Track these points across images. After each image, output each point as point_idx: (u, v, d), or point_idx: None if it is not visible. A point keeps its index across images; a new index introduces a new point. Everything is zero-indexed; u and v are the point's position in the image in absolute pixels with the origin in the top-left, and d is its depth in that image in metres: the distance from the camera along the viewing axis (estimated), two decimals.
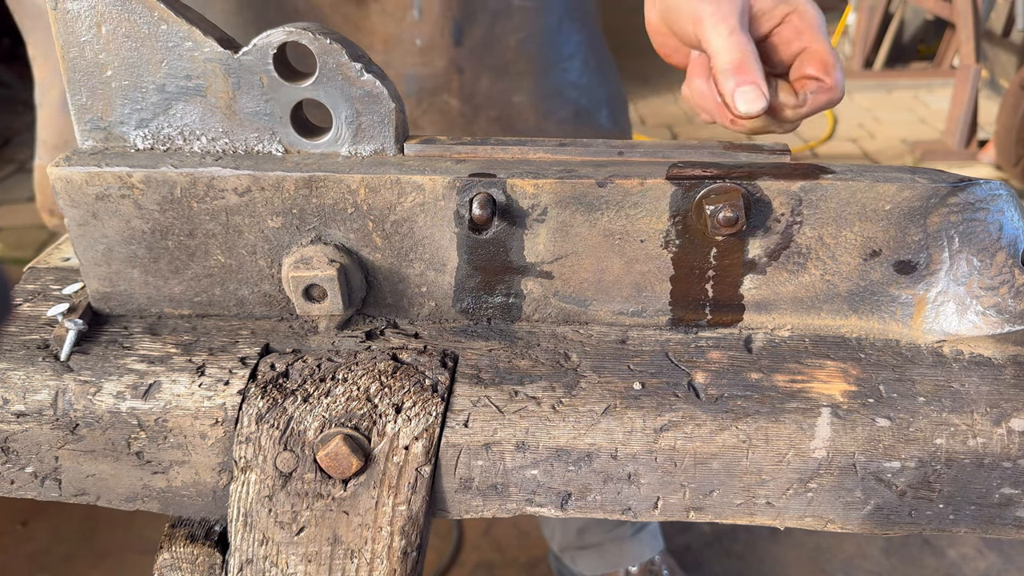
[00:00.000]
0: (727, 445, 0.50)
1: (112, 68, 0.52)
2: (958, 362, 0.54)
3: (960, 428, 0.50)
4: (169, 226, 0.55)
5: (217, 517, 0.55)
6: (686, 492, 0.52)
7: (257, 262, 0.56)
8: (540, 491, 0.52)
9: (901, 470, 0.50)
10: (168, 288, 0.57)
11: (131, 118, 0.54)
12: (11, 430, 0.53)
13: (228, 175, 0.53)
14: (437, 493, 0.52)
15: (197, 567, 0.53)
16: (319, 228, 0.55)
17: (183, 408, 0.52)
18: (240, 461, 0.51)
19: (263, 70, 0.52)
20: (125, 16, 0.50)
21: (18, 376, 0.53)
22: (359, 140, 0.54)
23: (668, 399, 0.52)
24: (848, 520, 0.52)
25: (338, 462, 0.50)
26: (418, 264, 0.56)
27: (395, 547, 0.51)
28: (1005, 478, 0.50)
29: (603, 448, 0.51)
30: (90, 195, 0.53)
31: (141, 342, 0.56)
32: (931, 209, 0.53)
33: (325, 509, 0.51)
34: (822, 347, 0.56)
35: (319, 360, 0.54)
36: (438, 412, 0.51)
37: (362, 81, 0.52)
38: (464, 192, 0.53)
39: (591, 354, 0.56)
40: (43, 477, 0.54)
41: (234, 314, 0.58)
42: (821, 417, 0.50)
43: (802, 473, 0.51)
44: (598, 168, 0.54)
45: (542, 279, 0.56)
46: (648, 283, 0.56)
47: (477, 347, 0.56)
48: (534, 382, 0.53)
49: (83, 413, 0.52)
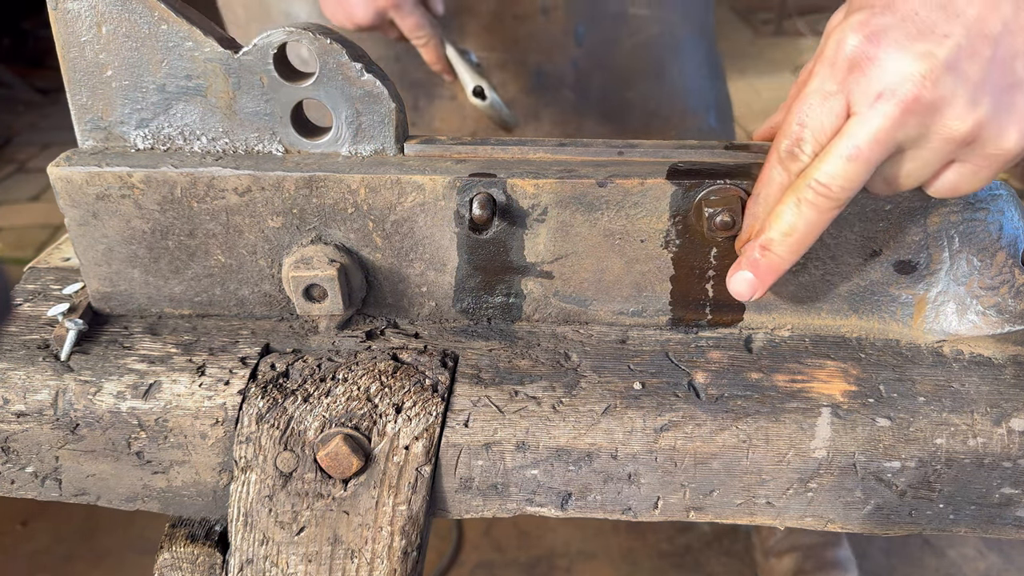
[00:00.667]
0: (727, 445, 0.50)
1: (112, 68, 0.52)
2: (958, 362, 0.54)
3: (960, 428, 0.50)
4: (169, 226, 0.55)
5: (217, 517, 0.55)
6: (686, 492, 0.52)
7: (257, 262, 0.56)
8: (540, 491, 0.52)
9: (901, 470, 0.50)
10: (168, 288, 0.57)
11: (131, 118, 0.54)
12: (11, 430, 0.53)
13: (228, 175, 0.53)
14: (437, 493, 0.52)
15: (197, 567, 0.53)
16: (319, 228, 0.55)
17: (183, 408, 0.52)
18: (240, 461, 0.51)
19: (263, 70, 0.52)
20: (125, 16, 0.50)
21: (18, 376, 0.53)
22: (359, 140, 0.54)
23: (668, 399, 0.52)
24: (848, 520, 0.52)
25: (338, 462, 0.50)
26: (418, 264, 0.56)
27: (395, 547, 0.51)
28: (1005, 478, 0.50)
29: (603, 448, 0.51)
30: (90, 195, 0.53)
31: (141, 342, 0.56)
32: (931, 209, 0.53)
33: (325, 509, 0.51)
34: (822, 347, 0.56)
35: (319, 360, 0.54)
36: (438, 412, 0.51)
37: (362, 81, 0.52)
38: (464, 192, 0.53)
39: (591, 354, 0.56)
40: (43, 477, 0.54)
41: (234, 314, 0.58)
42: (821, 417, 0.50)
43: (802, 473, 0.51)
44: (598, 168, 0.54)
45: (542, 279, 0.56)
46: (648, 283, 0.56)
47: (477, 347, 0.56)
48: (534, 382, 0.53)
49: (83, 413, 0.52)
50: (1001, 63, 0.43)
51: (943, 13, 0.43)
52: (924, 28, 0.43)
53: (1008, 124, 0.44)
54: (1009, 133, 0.44)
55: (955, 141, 0.44)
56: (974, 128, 0.44)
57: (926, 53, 0.43)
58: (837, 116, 0.45)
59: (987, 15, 0.43)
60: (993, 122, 0.44)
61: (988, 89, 0.43)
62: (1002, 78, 0.43)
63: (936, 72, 0.43)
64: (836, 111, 0.45)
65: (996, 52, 0.43)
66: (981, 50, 0.43)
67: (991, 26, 0.43)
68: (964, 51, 0.43)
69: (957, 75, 0.43)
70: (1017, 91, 0.44)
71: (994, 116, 0.44)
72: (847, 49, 0.44)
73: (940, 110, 0.43)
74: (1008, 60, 0.43)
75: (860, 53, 0.44)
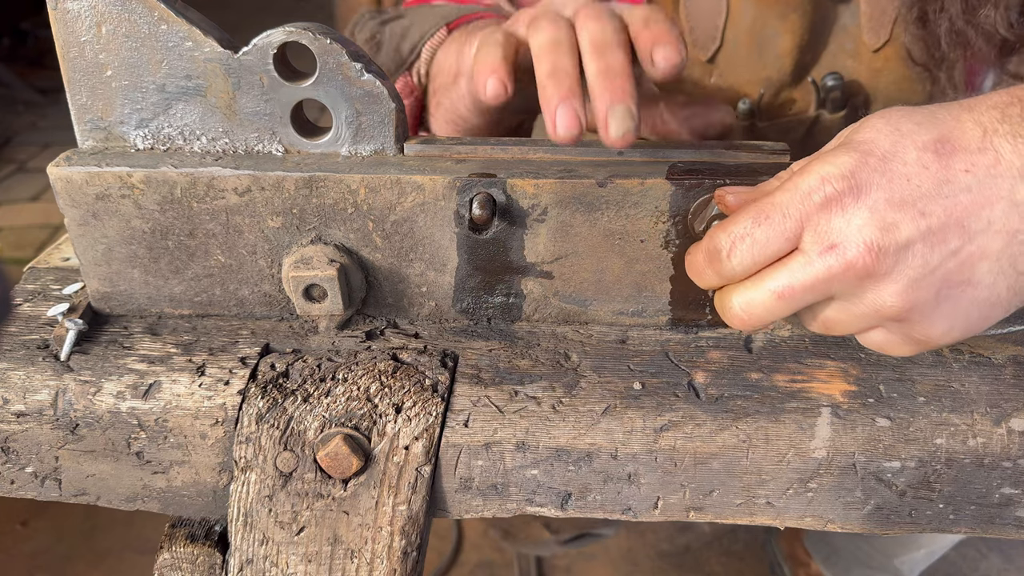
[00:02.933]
0: (727, 445, 0.50)
1: (112, 68, 0.52)
2: (958, 362, 0.54)
3: (960, 428, 0.50)
4: (169, 226, 0.55)
5: (217, 517, 0.55)
6: (686, 492, 0.52)
7: (257, 262, 0.56)
8: (540, 491, 0.52)
9: (901, 470, 0.50)
10: (168, 288, 0.57)
11: (131, 118, 0.54)
12: (11, 430, 0.53)
13: (228, 175, 0.53)
14: (437, 493, 0.52)
15: (197, 567, 0.53)
16: (319, 228, 0.55)
17: (183, 408, 0.52)
18: (240, 461, 0.51)
19: (263, 70, 0.52)
20: (125, 16, 0.50)
21: (18, 376, 0.53)
22: (359, 140, 0.54)
23: (668, 399, 0.52)
24: (848, 520, 0.53)
25: (338, 462, 0.50)
26: (418, 264, 0.56)
27: (395, 547, 0.51)
28: (1005, 478, 0.50)
29: (603, 448, 0.51)
30: (90, 195, 0.53)
31: (141, 342, 0.56)
32: None
33: (325, 509, 0.51)
34: (822, 347, 0.56)
35: (319, 360, 0.54)
36: (438, 412, 0.51)
37: (362, 81, 0.52)
38: (464, 192, 0.53)
39: (591, 354, 0.56)
40: (43, 477, 0.54)
41: (234, 314, 0.58)
42: (821, 417, 0.50)
43: (802, 473, 0.51)
44: (598, 168, 0.54)
45: (542, 279, 0.56)
46: (648, 283, 0.56)
47: (477, 347, 0.56)
48: (534, 382, 0.53)
49: (83, 413, 0.52)
50: (964, 259, 0.42)
51: (935, 189, 0.41)
52: (907, 199, 0.41)
53: (939, 318, 0.43)
54: (937, 326, 0.43)
55: (882, 315, 0.44)
56: (904, 311, 0.43)
57: (891, 225, 0.41)
58: (787, 240, 0.44)
59: (976, 208, 0.41)
60: (926, 310, 0.43)
61: (936, 278, 0.42)
62: (958, 273, 0.42)
63: (891, 247, 0.41)
64: (787, 235, 0.44)
65: (965, 247, 0.41)
66: (950, 240, 0.41)
67: (974, 220, 0.41)
68: (932, 236, 0.41)
69: (911, 257, 0.42)
70: (966, 289, 0.42)
71: (930, 306, 0.43)
72: (827, 190, 0.42)
73: (879, 283, 0.43)
74: (973, 258, 0.42)
75: (836, 198, 0.42)
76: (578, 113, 0.50)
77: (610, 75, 0.50)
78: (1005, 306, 0.43)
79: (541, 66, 0.52)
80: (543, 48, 0.52)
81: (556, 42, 0.52)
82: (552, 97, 0.50)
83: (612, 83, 0.50)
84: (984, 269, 0.42)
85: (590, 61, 0.51)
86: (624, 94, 0.49)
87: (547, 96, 0.50)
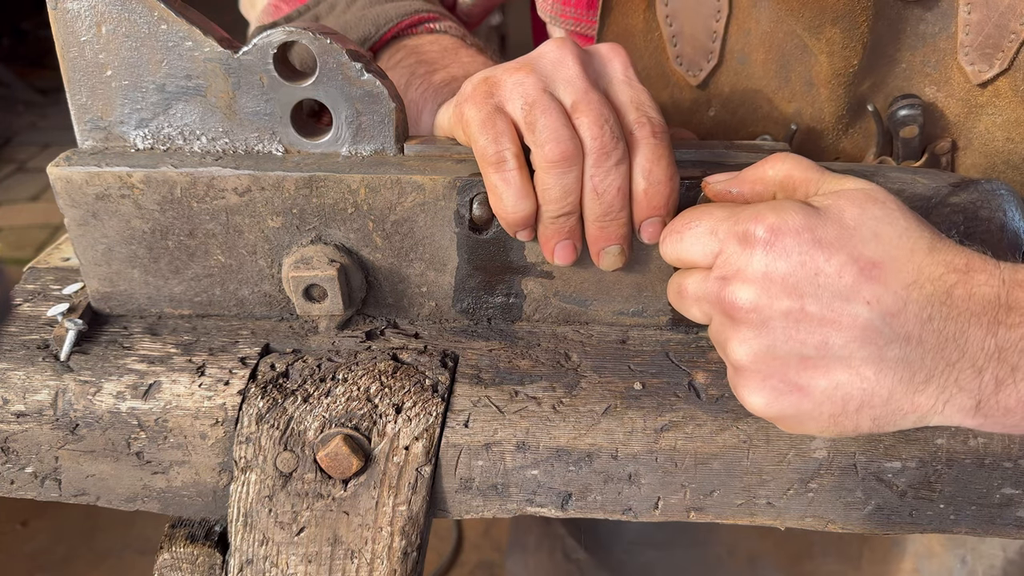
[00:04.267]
0: (727, 445, 0.50)
1: (112, 68, 0.52)
2: None
3: (961, 428, 0.50)
4: (169, 226, 0.55)
5: (217, 517, 0.55)
6: (686, 492, 0.52)
7: (257, 262, 0.56)
8: (540, 491, 0.52)
9: (902, 470, 0.50)
10: (168, 288, 0.57)
11: (131, 118, 0.54)
12: (11, 430, 0.53)
13: (228, 175, 0.53)
14: (437, 493, 0.52)
15: (197, 567, 0.53)
16: (319, 228, 0.54)
17: (183, 408, 0.52)
18: (240, 461, 0.51)
19: (263, 70, 0.52)
20: (125, 16, 0.50)
21: (18, 376, 0.53)
22: (359, 140, 0.54)
23: (668, 399, 0.52)
24: (849, 520, 0.52)
25: (338, 462, 0.50)
26: (418, 264, 0.56)
27: (395, 547, 0.51)
28: (1006, 478, 0.50)
29: (603, 448, 0.51)
30: (90, 195, 0.53)
31: (141, 342, 0.56)
32: (932, 209, 0.53)
33: (325, 509, 0.51)
34: None
35: (319, 360, 0.54)
36: (438, 412, 0.51)
37: (362, 81, 0.52)
38: (464, 192, 0.53)
39: (591, 354, 0.56)
40: (43, 477, 0.54)
41: (234, 314, 0.58)
42: None
43: (803, 473, 0.51)
44: None
45: (542, 279, 0.56)
46: (648, 283, 0.56)
47: (477, 347, 0.56)
48: (534, 382, 0.53)
49: (83, 413, 0.52)
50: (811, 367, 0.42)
51: (829, 298, 0.41)
52: (800, 289, 0.41)
53: (760, 388, 0.43)
54: (755, 398, 0.44)
55: (724, 355, 0.46)
56: (738, 364, 0.44)
57: (764, 277, 0.42)
58: (704, 256, 0.46)
59: (853, 337, 0.41)
60: (749, 376, 0.44)
61: (777, 363, 0.42)
62: (796, 375, 0.42)
63: (763, 310, 0.42)
64: (706, 252, 0.46)
65: (818, 360, 0.41)
66: (807, 348, 0.41)
67: (841, 346, 0.41)
68: (793, 315, 0.41)
69: (771, 332, 0.42)
70: (806, 367, 0.42)
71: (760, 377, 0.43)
72: (757, 232, 0.42)
73: (729, 338, 0.44)
74: (816, 373, 0.42)
75: (755, 241, 0.42)
76: (576, 247, 0.52)
77: (607, 218, 0.50)
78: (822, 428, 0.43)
79: (547, 208, 0.49)
80: (552, 196, 0.49)
81: (566, 191, 0.48)
82: (552, 237, 0.51)
83: (607, 229, 0.50)
84: (821, 386, 0.42)
85: (591, 202, 0.49)
86: (619, 238, 0.51)
87: (547, 235, 0.51)
